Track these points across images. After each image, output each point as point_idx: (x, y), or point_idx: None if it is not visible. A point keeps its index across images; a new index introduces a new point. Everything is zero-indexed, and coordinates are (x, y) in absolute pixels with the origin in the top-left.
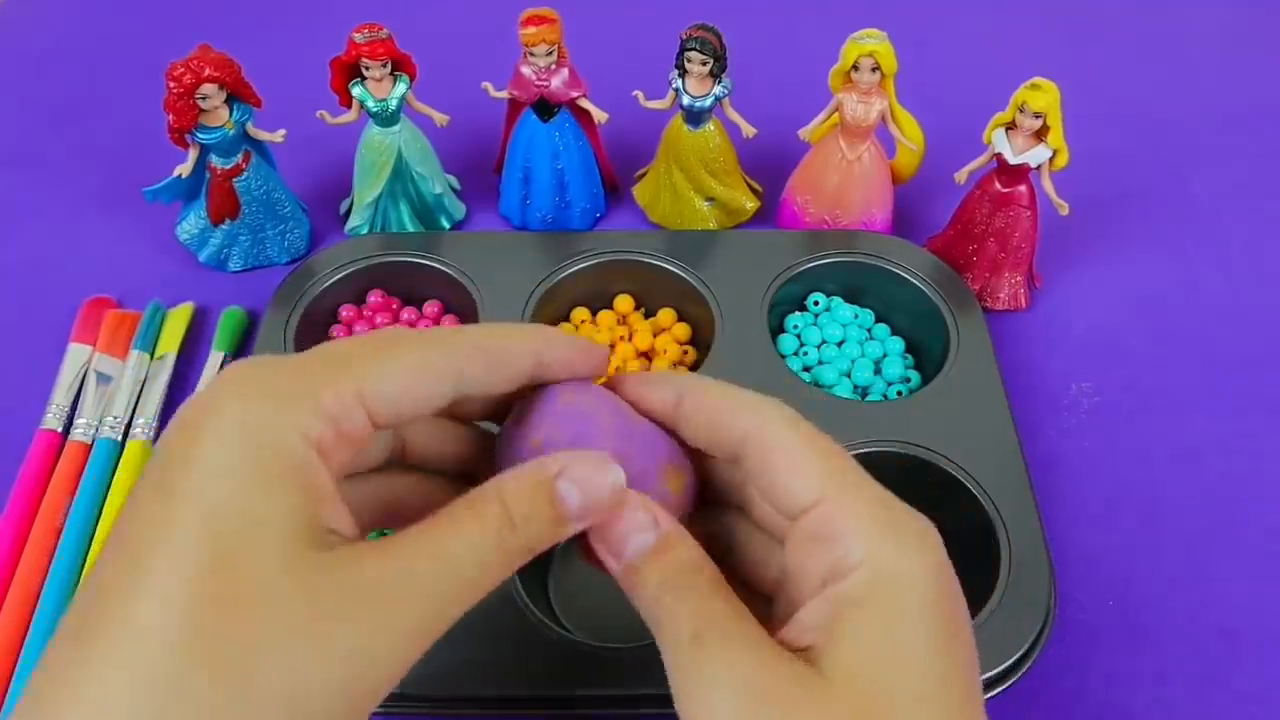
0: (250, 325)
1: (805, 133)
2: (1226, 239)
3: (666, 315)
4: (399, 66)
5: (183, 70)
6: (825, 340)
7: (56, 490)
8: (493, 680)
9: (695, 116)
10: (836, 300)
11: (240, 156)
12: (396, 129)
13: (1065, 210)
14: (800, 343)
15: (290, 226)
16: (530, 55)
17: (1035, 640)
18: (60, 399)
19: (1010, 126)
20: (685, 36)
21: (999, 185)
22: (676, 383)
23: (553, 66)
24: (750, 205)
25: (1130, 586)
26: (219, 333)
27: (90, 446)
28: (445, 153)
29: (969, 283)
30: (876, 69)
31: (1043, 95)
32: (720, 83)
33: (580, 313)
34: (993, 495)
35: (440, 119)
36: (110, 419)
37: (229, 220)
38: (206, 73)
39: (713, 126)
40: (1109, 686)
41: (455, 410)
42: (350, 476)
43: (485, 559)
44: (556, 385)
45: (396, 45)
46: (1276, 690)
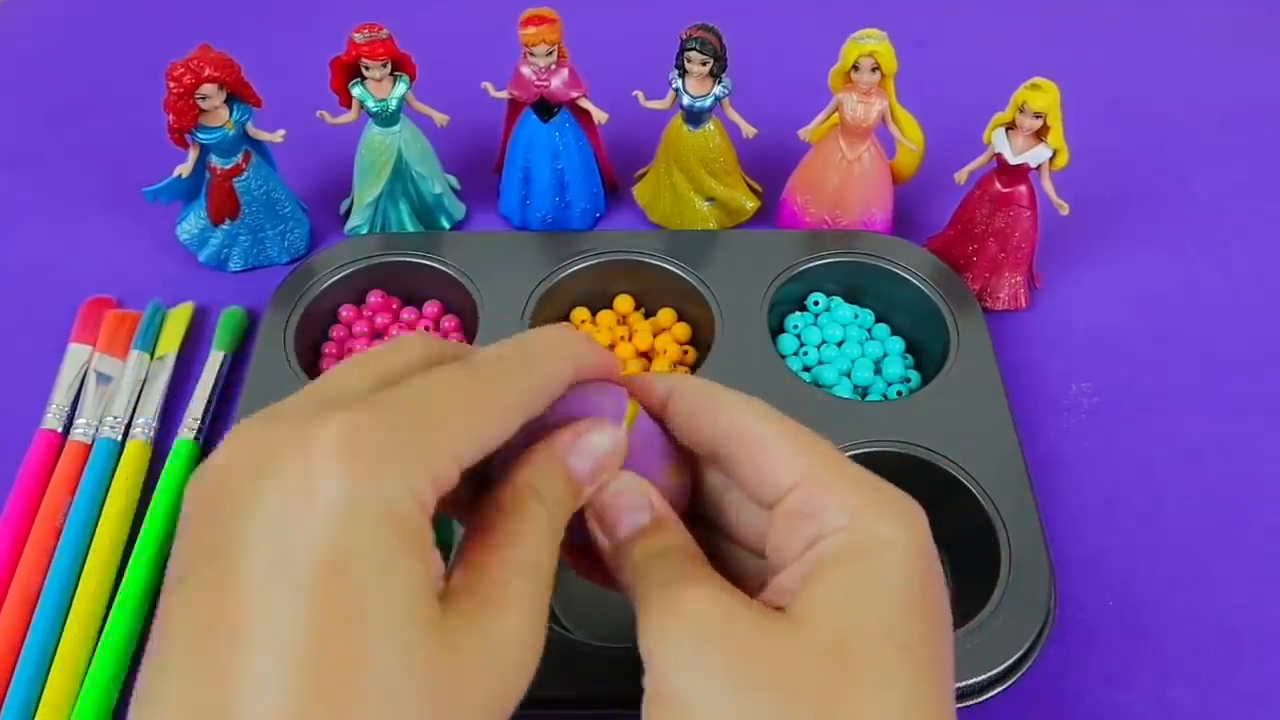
0: (250, 325)
1: (805, 133)
2: (1226, 239)
3: (666, 315)
4: (399, 66)
5: (183, 70)
6: (825, 340)
7: (56, 490)
8: None
9: (695, 116)
10: (836, 300)
11: (240, 156)
12: (396, 129)
13: (1065, 210)
14: (800, 343)
15: (290, 226)
16: (530, 55)
17: (1035, 640)
18: (60, 399)
19: (1010, 126)
20: (685, 36)
21: (999, 185)
22: (666, 381)
23: (553, 66)
24: (750, 205)
25: (1130, 586)
26: (219, 333)
27: (90, 447)
28: (445, 153)
29: (969, 283)
30: (876, 69)
31: (1043, 95)
32: (720, 83)
33: (580, 313)
34: (993, 495)
35: (440, 119)
36: (110, 419)
37: (229, 220)
38: (206, 73)
39: (713, 126)
40: (1109, 686)
41: None
42: None
43: (553, 550)
44: None
45: (396, 45)
46: (1276, 690)
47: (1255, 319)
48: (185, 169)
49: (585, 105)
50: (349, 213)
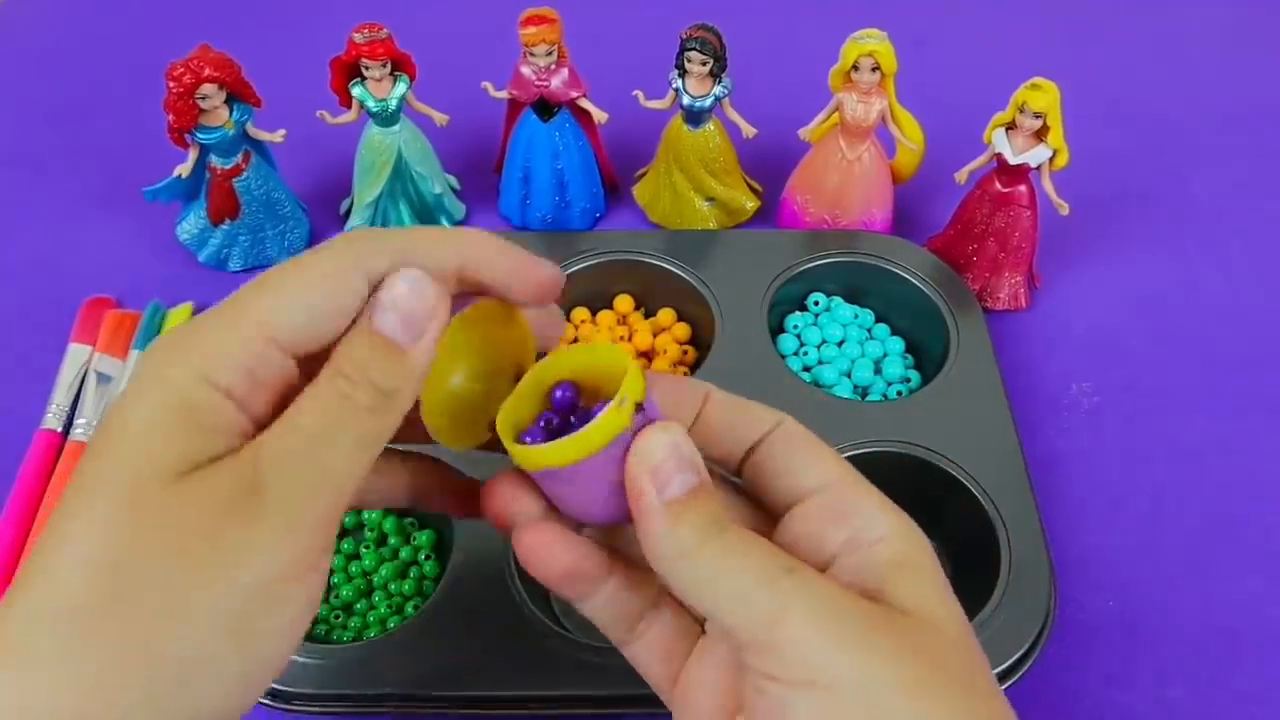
0: None
1: (805, 133)
2: (1226, 239)
3: (666, 315)
4: (399, 66)
5: (183, 70)
6: (825, 340)
7: (56, 490)
8: (492, 680)
9: (695, 116)
10: (836, 300)
11: (240, 156)
12: (396, 129)
13: (1065, 210)
14: (800, 343)
15: (290, 226)
16: (530, 55)
17: (1035, 640)
18: (60, 399)
19: (1010, 126)
20: (685, 36)
21: (999, 185)
22: (702, 385)
23: (553, 66)
24: (750, 205)
25: (1130, 586)
26: None
27: None
28: (445, 153)
29: (969, 283)
30: (876, 69)
31: (1043, 95)
32: (720, 83)
33: (580, 313)
34: (993, 495)
35: (440, 119)
36: None
37: (229, 220)
38: (206, 73)
39: (713, 126)
40: (1109, 686)
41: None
42: (388, 461)
43: (339, 421)
44: None
45: (396, 45)
46: (1276, 690)
47: (1255, 319)
48: (185, 169)
49: (585, 105)
50: (349, 212)
